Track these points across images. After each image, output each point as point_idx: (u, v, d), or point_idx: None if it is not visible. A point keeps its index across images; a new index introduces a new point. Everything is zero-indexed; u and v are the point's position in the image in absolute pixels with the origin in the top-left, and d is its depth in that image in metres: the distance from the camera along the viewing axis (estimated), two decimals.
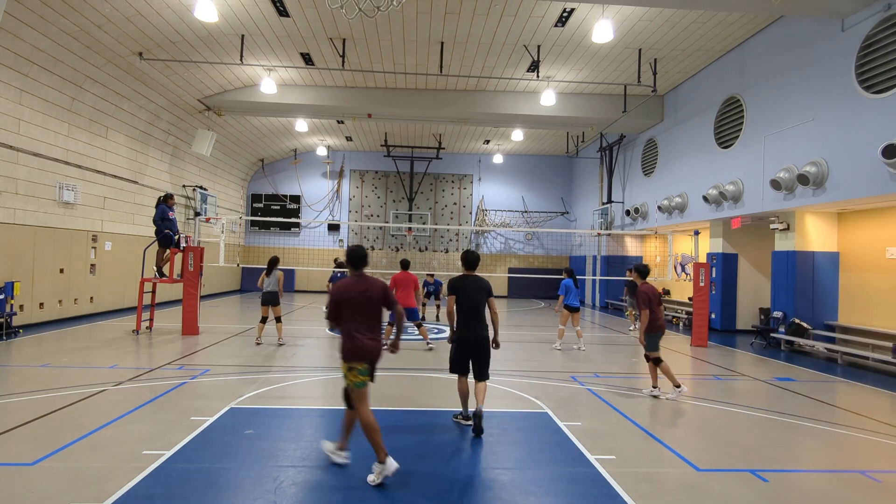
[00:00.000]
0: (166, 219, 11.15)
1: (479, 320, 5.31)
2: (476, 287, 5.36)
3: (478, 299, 5.32)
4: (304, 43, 13.01)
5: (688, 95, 14.93)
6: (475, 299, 5.31)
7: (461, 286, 5.33)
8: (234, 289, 23.25)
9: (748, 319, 13.99)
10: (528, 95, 16.18)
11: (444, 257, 24.84)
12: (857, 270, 10.99)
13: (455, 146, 23.59)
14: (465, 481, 4.18)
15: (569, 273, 11.14)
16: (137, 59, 12.62)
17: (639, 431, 5.45)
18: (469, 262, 5.57)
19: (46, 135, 11.43)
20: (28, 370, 7.32)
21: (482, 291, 5.37)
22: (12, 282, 10.04)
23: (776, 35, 11.32)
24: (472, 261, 5.56)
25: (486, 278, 5.52)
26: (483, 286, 5.39)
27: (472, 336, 5.26)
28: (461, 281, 5.38)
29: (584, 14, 11.24)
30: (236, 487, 3.94)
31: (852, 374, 9.07)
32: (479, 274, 5.57)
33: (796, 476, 4.47)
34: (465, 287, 5.34)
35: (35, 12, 9.87)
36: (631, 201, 18.68)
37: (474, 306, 5.29)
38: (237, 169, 22.81)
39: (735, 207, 12.52)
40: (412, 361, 8.76)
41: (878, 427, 5.90)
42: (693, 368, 9.23)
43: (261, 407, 5.95)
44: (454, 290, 5.33)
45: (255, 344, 9.83)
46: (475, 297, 5.31)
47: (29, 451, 4.44)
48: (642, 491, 4.01)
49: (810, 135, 10.23)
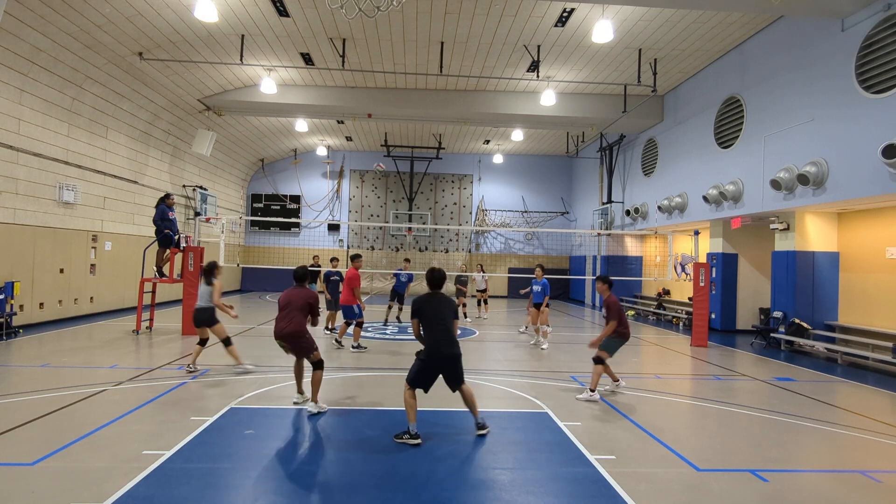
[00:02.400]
0: (166, 219, 11.15)
1: (451, 339, 5.04)
2: (443, 307, 5.10)
3: (446, 319, 5.05)
4: (304, 43, 13.01)
5: (688, 95, 14.93)
6: (443, 319, 5.03)
7: (426, 308, 5.05)
8: (234, 289, 23.25)
9: (748, 319, 13.99)
10: (528, 95, 16.18)
11: (444, 257, 24.84)
12: (857, 270, 10.99)
13: (455, 146, 23.59)
14: (465, 481, 4.18)
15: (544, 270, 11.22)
16: (137, 59, 12.62)
17: (639, 431, 5.45)
18: (434, 282, 5.28)
19: (46, 135, 11.43)
20: (28, 370, 7.31)
21: (449, 311, 5.11)
22: (12, 282, 10.03)
23: (776, 35, 11.32)
24: (437, 280, 5.28)
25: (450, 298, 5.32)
26: (451, 306, 5.16)
27: (447, 354, 4.99)
28: (426, 303, 5.08)
29: (584, 14, 11.24)
30: (236, 487, 3.93)
31: (852, 374, 9.07)
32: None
33: (796, 476, 4.47)
34: (431, 309, 5.05)
35: (35, 12, 9.87)
36: (631, 201, 18.68)
37: (444, 326, 5.01)
38: (237, 169, 22.82)
39: (735, 207, 12.51)
40: (411, 361, 8.75)
41: (878, 427, 5.90)
42: (693, 368, 9.23)
43: (261, 407, 5.95)
44: (417, 312, 5.06)
45: (186, 372, 7.48)
46: (443, 317, 5.03)
47: (29, 451, 4.44)
48: (642, 491, 4.01)
49: (810, 135, 10.23)
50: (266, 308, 16.58)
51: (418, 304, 5.09)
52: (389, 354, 9.44)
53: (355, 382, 7.28)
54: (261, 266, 19.36)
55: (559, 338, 12.19)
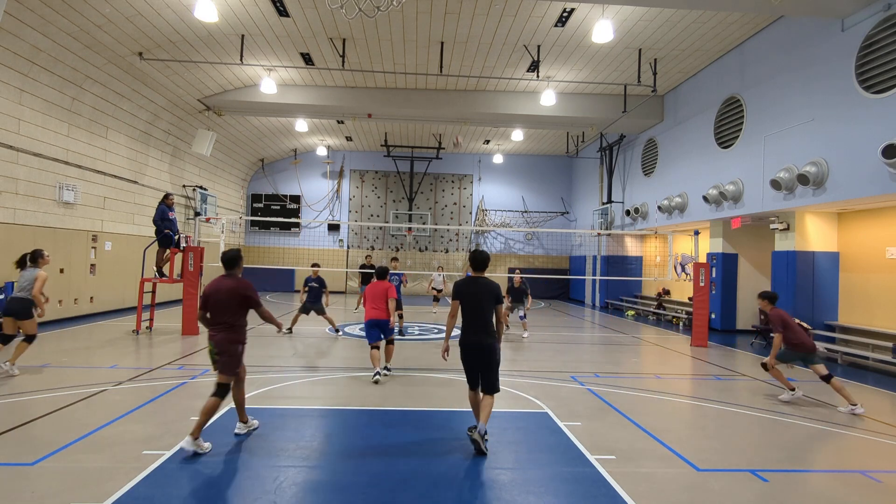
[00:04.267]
0: (166, 219, 11.15)
1: (485, 327, 4.77)
2: (481, 291, 4.80)
3: (485, 305, 4.77)
4: (304, 43, 13.01)
5: (688, 95, 14.93)
6: (482, 305, 4.76)
7: (466, 291, 4.84)
8: None
9: (748, 319, 13.99)
10: (528, 95, 16.18)
11: (444, 257, 24.84)
12: (857, 270, 10.99)
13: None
14: (465, 481, 4.18)
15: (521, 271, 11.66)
16: (137, 59, 12.62)
17: (639, 431, 5.45)
18: (477, 263, 4.96)
19: (46, 135, 11.43)
20: (28, 370, 7.31)
21: (491, 297, 4.79)
22: (12, 282, 10.02)
23: (776, 35, 11.32)
24: (480, 261, 4.95)
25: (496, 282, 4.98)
26: (493, 290, 4.82)
27: (476, 342, 4.74)
28: (467, 285, 4.87)
29: (584, 14, 11.24)
30: (236, 487, 3.94)
31: (852, 374, 9.07)
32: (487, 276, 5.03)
33: (796, 476, 4.47)
34: (470, 292, 4.82)
35: (35, 12, 9.87)
36: (631, 201, 18.67)
37: (480, 312, 4.75)
38: (237, 169, 22.82)
39: (735, 207, 12.51)
40: (410, 362, 8.77)
41: (878, 427, 5.90)
42: (693, 368, 9.23)
43: (261, 407, 5.95)
44: (458, 294, 4.86)
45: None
46: (482, 303, 4.77)
47: (29, 451, 4.43)
48: (642, 491, 4.01)
49: (810, 135, 10.23)
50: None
51: (459, 286, 4.90)
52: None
53: (355, 382, 7.28)
54: (261, 266, 19.36)
55: (559, 338, 12.19)
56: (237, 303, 4.76)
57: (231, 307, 4.74)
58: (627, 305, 19.13)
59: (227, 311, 4.75)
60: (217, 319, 4.78)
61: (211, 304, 4.79)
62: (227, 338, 4.73)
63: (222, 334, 4.74)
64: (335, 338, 11.03)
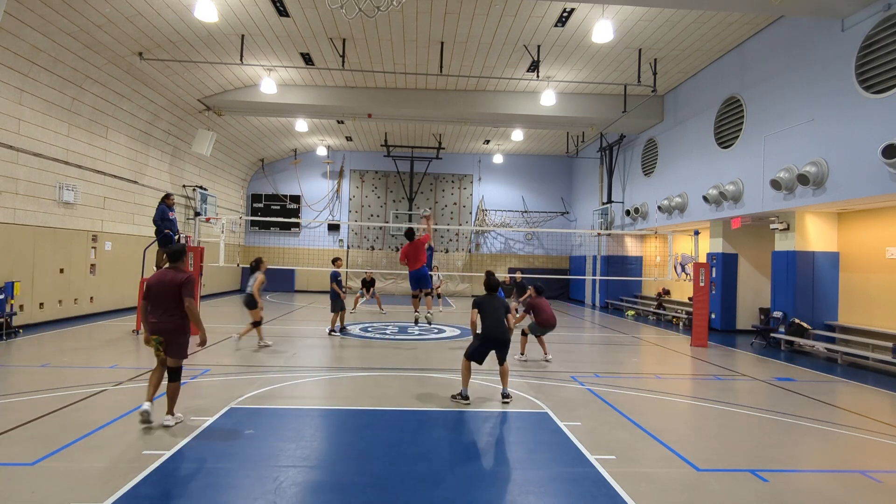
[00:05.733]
0: (166, 219, 11.13)
1: (502, 326, 6.42)
2: (497, 304, 6.53)
3: (499, 314, 6.46)
4: (304, 43, 13.01)
5: (688, 95, 14.93)
6: (496, 312, 6.44)
7: (485, 304, 6.45)
8: (234, 289, 23.24)
9: (748, 319, 13.98)
10: (528, 95, 16.18)
11: (444, 257, 24.83)
12: (857, 270, 10.99)
13: (455, 146, 23.59)
14: (465, 481, 4.18)
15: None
16: (137, 59, 12.62)
17: (639, 431, 5.45)
18: (491, 286, 6.75)
19: (46, 135, 11.43)
20: (28, 370, 7.31)
21: (503, 308, 6.55)
22: (12, 282, 10.04)
23: (776, 35, 11.32)
24: (494, 284, 6.74)
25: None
26: (504, 305, 6.56)
27: (500, 334, 6.37)
28: (486, 300, 6.51)
29: (584, 14, 11.24)
30: (236, 487, 3.93)
31: (852, 374, 9.07)
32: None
33: (796, 476, 4.47)
34: (489, 305, 6.45)
35: (35, 12, 9.86)
36: (631, 201, 18.67)
37: (497, 317, 6.41)
38: (237, 169, 22.81)
39: (735, 207, 12.51)
40: (410, 362, 8.77)
41: (878, 427, 5.90)
42: (693, 368, 9.23)
43: (261, 407, 5.95)
44: (478, 305, 6.45)
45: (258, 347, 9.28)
46: (496, 311, 6.45)
47: (29, 451, 4.43)
48: (642, 491, 4.01)
49: (810, 135, 10.23)
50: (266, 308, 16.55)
51: (479, 300, 6.50)
52: (389, 355, 9.43)
53: (355, 382, 7.28)
54: None
55: (559, 338, 12.18)
56: (176, 293, 5.06)
57: (171, 297, 5.05)
58: (627, 305, 19.13)
59: (168, 301, 5.04)
60: (159, 309, 5.06)
61: (152, 294, 5.09)
62: (174, 327, 5.06)
63: (169, 325, 5.05)
64: (335, 338, 11.03)
